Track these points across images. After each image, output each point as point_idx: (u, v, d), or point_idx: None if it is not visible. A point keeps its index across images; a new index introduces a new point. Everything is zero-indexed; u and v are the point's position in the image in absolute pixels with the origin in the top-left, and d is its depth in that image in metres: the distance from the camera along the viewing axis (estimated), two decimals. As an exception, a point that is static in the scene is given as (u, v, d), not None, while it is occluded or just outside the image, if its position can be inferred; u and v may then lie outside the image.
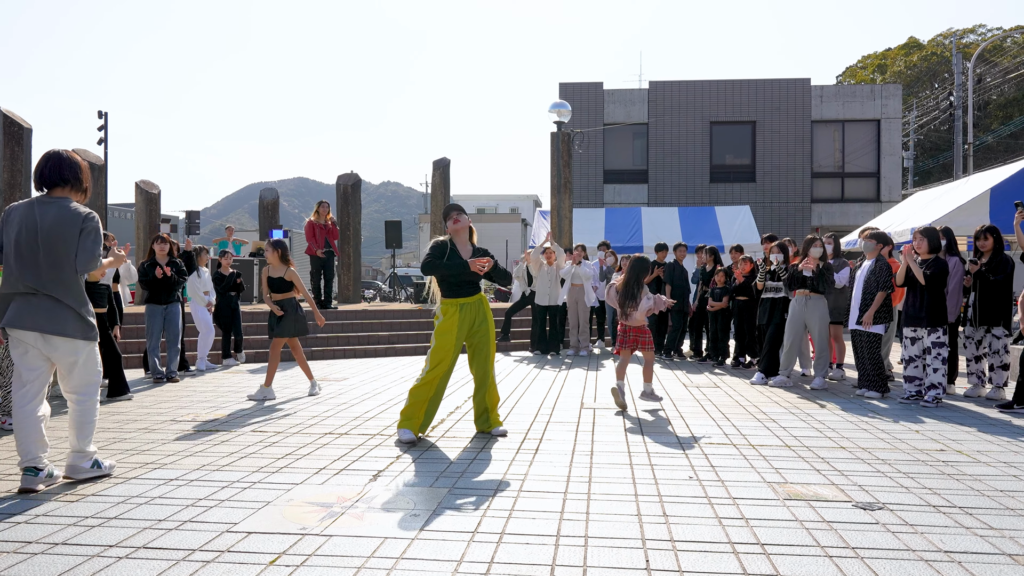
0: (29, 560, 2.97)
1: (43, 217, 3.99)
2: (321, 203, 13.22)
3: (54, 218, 3.99)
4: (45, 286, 3.96)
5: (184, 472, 4.36)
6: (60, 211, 4.02)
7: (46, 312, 3.97)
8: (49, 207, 4.03)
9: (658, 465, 4.51)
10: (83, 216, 4.04)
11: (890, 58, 45.71)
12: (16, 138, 12.20)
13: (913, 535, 3.26)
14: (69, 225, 3.99)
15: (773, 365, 8.21)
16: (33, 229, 3.97)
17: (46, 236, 3.96)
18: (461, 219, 5.37)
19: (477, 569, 2.87)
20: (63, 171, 4.10)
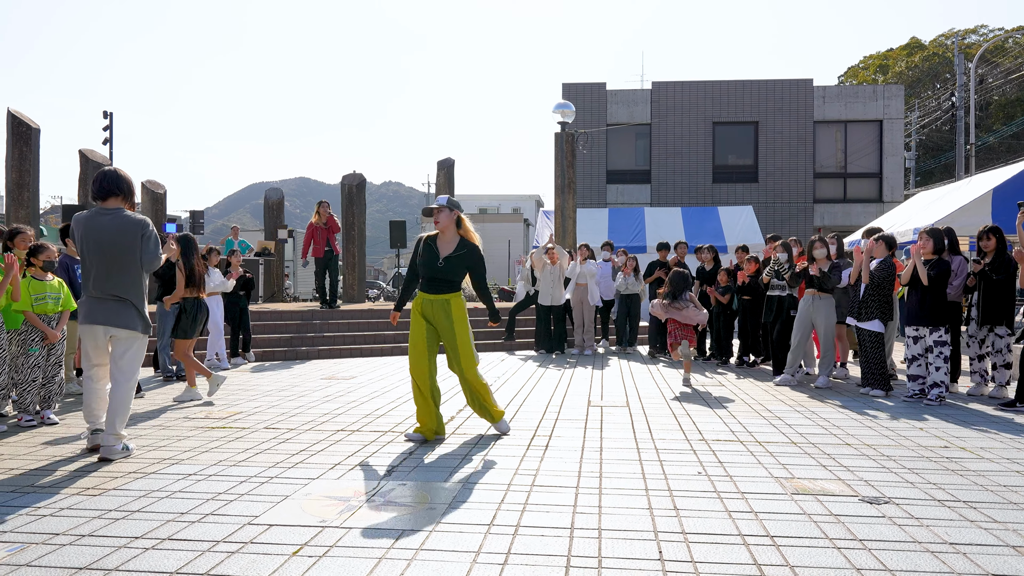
0: (58, 551, 3.05)
1: (104, 227, 4.60)
2: (321, 203, 13.16)
3: (115, 228, 4.61)
4: (112, 288, 4.63)
5: (202, 467, 4.44)
6: (119, 221, 4.63)
7: (113, 310, 4.65)
8: (108, 217, 4.64)
9: (667, 461, 4.59)
10: (142, 223, 4.67)
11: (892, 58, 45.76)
12: (24, 138, 12.29)
13: (919, 528, 3.34)
14: (130, 233, 4.62)
15: (781, 364, 8.32)
16: (97, 238, 4.59)
17: (109, 244, 4.60)
18: (440, 219, 5.26)
19: (495, 560, 2.95)
20: (119, 183, 4.70)
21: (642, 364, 10.05)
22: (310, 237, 12.89)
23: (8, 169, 12.15)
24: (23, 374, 5.86)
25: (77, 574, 2.81)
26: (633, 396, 7.23)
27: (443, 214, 5.27)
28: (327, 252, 12.89)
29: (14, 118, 12.21)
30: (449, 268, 5.21)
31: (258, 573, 2.82)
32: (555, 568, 2.87)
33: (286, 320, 11.96)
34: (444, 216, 5.27)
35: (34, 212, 12.34)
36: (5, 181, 12.24)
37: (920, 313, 6.91)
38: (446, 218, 5.27)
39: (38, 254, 6.07)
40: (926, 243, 7.01)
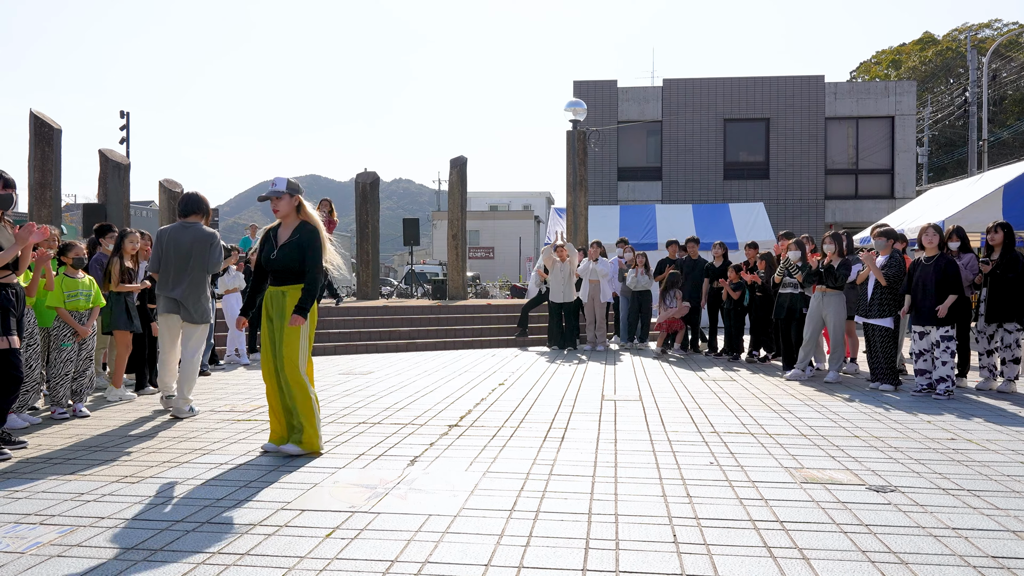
0: (105, 533, 3.24)
1: (183, 238, 5.93)
2: (323, 201, 12.98)
3: (192, 238, 5.95)
4: (183, 286, 5.91)
5: (232, 457, 4.63)
6: (196, 233, 5.98)
7: (187, 304, 5.95)
8: (188, 230, 5.97)
9: (680, 452, 4.74)
10: (211, 236, 6.03)
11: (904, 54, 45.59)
12: (46, 139, 12.54)
13: (923, 514, 3.48)
14: (202, 242, 5.96)
15: (792, 359, 8.47)
16: (176, 246, 5.92)
17: (186, 251, 5.92)
18: (280, 207, 4.77)
19: (518, 541, 3.12)
20: (200, 204, 6.09)
21: (653, 360, 10.19)
22: None
23: (31, 169, 12.41)
24: (55, 368, 6.07)
25: (125, 553, 2.99)
26: (646, 390, 7.38)
27: (283, 201, 4.76)
28: None
29: (37, 119, 12.46)
30: (284, 257, 4.70)
31: (296, 553, 2.99)
32: (575, 550, 3.03)
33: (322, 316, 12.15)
34: (284, 204, 4.77)
35: (56, 211, 12.59)
36: (28, 181, 12.50)
37: (926, 310, 7.02)
38: (286, 205, 4.77)
39: (67, 252, 6.27)
40: (932, 238, 7.11)
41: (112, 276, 6.90)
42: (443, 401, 6.73)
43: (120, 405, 6.66)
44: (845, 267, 7.91)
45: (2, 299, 4.79)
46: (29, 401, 5.95)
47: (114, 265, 6.94)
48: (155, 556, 2.96)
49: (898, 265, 7.42)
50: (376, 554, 2.98)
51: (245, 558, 2.94)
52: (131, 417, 6.05)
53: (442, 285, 16.47)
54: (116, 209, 13.75)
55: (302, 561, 2.91)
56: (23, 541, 3.12)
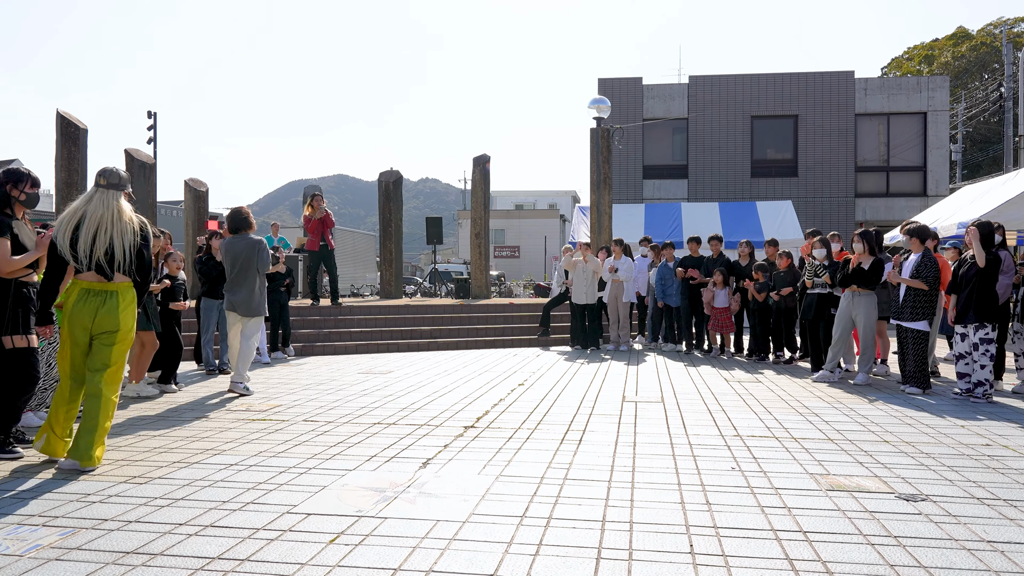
0: (107, 536, 3.18)
1: (239, 247, 7.20)
2: (314, 195, 12.78)
3: (243, 247, 7.19)
4: (241, 286, 7.20)
5: (243, 458, 4.57)
6: (246, 242, 7.21)
7: (242, 300, 7.20)
8: (241, 241, 7.23)
9: (700, 456, 4.59)
10: (258, 243, 7.23)
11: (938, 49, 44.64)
12: (72, 139, 12.66)
13: (956, 525, 3.30)
14: (251, 250, 7.17)
15: (820, 361, 8.25)
16: (234, 254, 7.20)
17: (243, 258, 7.16)
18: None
19: (527, 550, 3.00)
20: (245, 219, 7.30)
21: (678, 361, 10.01)
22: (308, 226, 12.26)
23: (58, 168, 12.54)
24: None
25: (124, 558, 2.92)
26: (668, 392, 7.21)
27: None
28: (322, 246, 12.24)
29: (63, 119, 12.59)
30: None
31: (296, 559, 2.90)
32: (586, 560, 2.90)
33: (324, 315, 12.15)
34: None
35: (83, 210, 12.70)
36: (55, 180, 12.63)
37: (967, 310, 6.76)
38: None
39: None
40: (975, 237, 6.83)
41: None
42: (461, 402, 6.63)
43: (138, 404, 6.64)
44: (876, 267, 7.66)
45: (22, 298, 4.80)
46: (47, 400, 5.95)
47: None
48: (153, 561, 2.89)
49: (931, 265, 7.16)
50: (379, 562, 2.88)
51: (244, 564, 2.86)
52: (148, 415, 6.03)
53: (465, 284, 16.40)
54: (142, 209, 13.85)
55: (302, 568, 2.82)
56: (23, 543, 3.06)
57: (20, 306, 4.79)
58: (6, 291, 4.75)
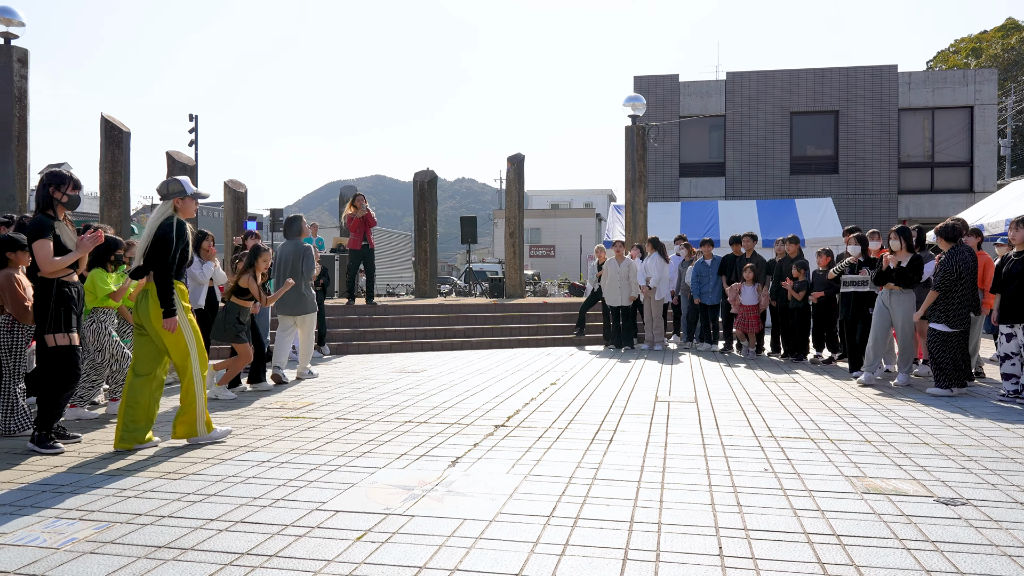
0: (140, 530, 3.24)
1: (288, 252, 8.09)
2: (356, 195, 12.84)
3: (292, 251, 8.08)
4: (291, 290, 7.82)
5: (275, 455, 4.62)
6: (295, 247, 8.12)
7: (294, 301, 7.92)
8: (290, 246, 8.14)
9: (733, 457, 4.52)
10: (305, 248, 8.05)
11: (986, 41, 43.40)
12: (116, 142, 12.96)
13: (997, 531, 3.19)
14: (298, 255, 8.03)
15: (858, 361, 8.08)
16: (284, 259, 8.10)
17: (292, 262, 8.01)
18: None
19: (552, 550, 2.98)
20: (297, 227, 8.24)
21: (714, 360, 9.88)
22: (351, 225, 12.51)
23: (102, 171, 12.85)
24: (121, 364, 6.20)
25: (156, 552, 2.97)
26: (702, 392, 7.13)
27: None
28: (363, 246, 12.25)
29: (107, 122, 12.90)
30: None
31: (323, 556, 2.92)
32: (612, 560, 2.87)
33: (360, 314, 12.26)
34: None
35: (125, 212, 13.00)
36: (99, 183, 12.95)
37: (1012, 309, 6.55)
38: None
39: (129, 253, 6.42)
40: (1017, 232, 6.64)
41: (252, 292, 7.07)
42: (492, 400, 6.63)
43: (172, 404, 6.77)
44: (915, 264, 7.45)
45: (64, 298, 4.92)
46: (91, 395, 6.11)
47: (251, 284, 7.07)
48: (184, 556, 2.93)
49: (948, 265, 6.90)
50: (405, 559, 2.89)
51: (272, 560, 2.89)
52: (184, 413, 6.14)
53: (499, 283, 16.40)
54: (182, 209, 14.12)
55: (329, 565, 2.84)
56: (59, 536, 3.14)
57: (62, 305, 4.92)
58: (48, 291, 4.89)
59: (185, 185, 4.97)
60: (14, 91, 10.92)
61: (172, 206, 4.96)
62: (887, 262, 7.55)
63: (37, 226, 4.85)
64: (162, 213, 4.92)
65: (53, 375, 4.87)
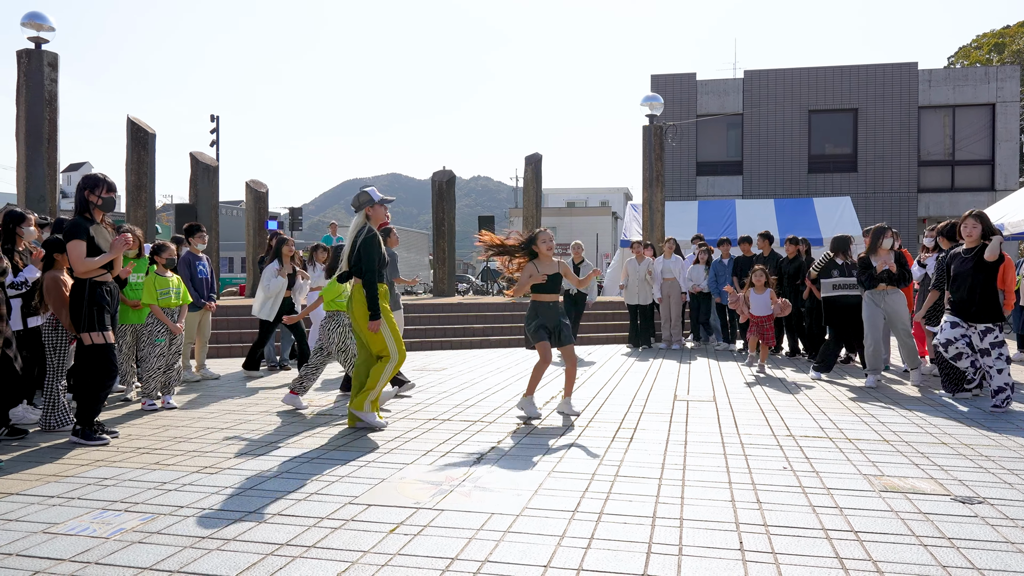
0: (184, 521, 3.39)
1: (391, 254, 7.15)
2: None
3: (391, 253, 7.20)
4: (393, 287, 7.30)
5: (305, 451, 4.77)
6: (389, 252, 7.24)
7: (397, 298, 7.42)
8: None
9: (752, 456, 4.61)
10: (391, 253, 7.27)
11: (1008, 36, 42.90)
12: (141, 143, 13.22)
13: (1013, 528, 3.27)
14: (393, 256, 7.16)
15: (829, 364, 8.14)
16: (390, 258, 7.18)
17: (392, 261, 7.21)
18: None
19: (578, 544, 3.09)
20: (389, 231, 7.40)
21: (731, 360, 9.95)
22: None
23: (128, 172, 13.10)
24: (148, 363, 6.39)
25: (200, 542, 3.12)
26: (720, 391, 7.21)
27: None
28: None
29: (133, 124, 13.15)
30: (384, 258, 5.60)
31: (359, 547, 3.06)
32: (636, 554, 2.98)
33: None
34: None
35: (151, 212, 13.26)
36: (125, 183, 13.21)
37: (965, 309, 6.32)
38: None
39: (161, 253, 6.60)
40: (973, 229, 6.33)
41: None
42: (513, 399, 6.75)
43: (208, 402, 6.95)
44: (902, 262, 7.47)
45: (98, 297, 5.09)
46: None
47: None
48: (228, 546, 3.08)
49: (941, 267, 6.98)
50: (437, 551, 3.02)
51: (311, 551, 3.02)
52: (214, 410, 6.31)
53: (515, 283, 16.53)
54: (206, 209, 14.38)
55: (365, 556, 2.97)
56: (108, 527, 3.29)
57: (95, 305, 5.07)
58: (82, 291, 5.06)
59: (372, 194, 5.44)
60: (45, 95, 11.18)
61: (364, 215, 5.43)
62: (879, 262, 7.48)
63: (71, 228, 5.02)
64: (358, 224, 5.44)
65: (89, 372, 5.04)
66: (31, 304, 5.69)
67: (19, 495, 3.80)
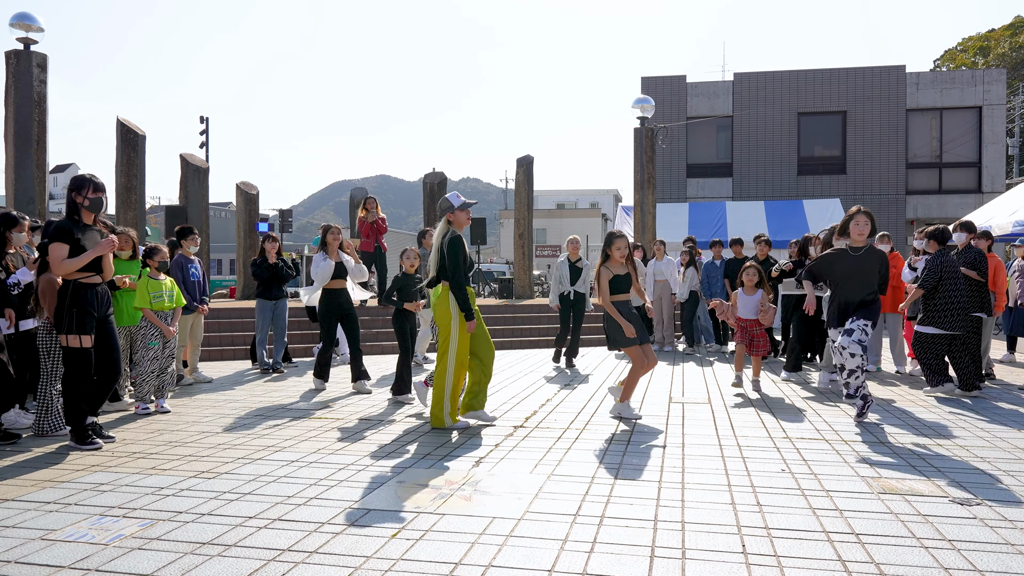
0: (183, 527, 3.36)
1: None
2: (368, 199, 12.97)
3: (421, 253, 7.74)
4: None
5: (303, 455, 4.74)
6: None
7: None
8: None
9: (750, 458, 4.62)
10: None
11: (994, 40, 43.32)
12: (131, 144, 13.12)
13: (1012, 530, 3.29)
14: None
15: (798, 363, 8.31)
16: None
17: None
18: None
19: (582, 547, 3.09)
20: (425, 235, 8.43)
21: (724, 362, 9.98)
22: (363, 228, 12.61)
23: (118, 174, 13.00)
24: (142, 366, 6.34)
25: (201, 548, 3.09)
26: (715, 393, 7.23)
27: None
28: (376, 248, 12.40)
29: (123, 126, 13.05)
30: (472, 262, 5.72)
31: (362, 552, 3.04)
32: (640, 558, 2.98)
33: (372, 315, 12.38)
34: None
35: (141, 214, 13.16)
36: (115, 185, 13.10)
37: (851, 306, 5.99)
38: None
39: (153, 256, 6.54)
40: (864, 228, 5.93)
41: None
42: (509, 401, 6.75)
43: (203, 405, 6.91)
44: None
45: (79, 299, 4.99)
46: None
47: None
48: (229, 551, 3.05)
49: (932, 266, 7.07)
50: (440, 556, 3.00)
51: (313, 556, 3.01)
52: (208, 413, 6.27)
53: (508, 284, 16.52)
54: (196, 211, 14.29)
55: (368, 561, 2.95)
56: (107, 533, 3.26)
57: (75, 306, 4.97)
58: (64, 292, 4.99)
59: (453, 200, 5.49)
60: (33, 96, 11.08)
61: (447, 221, 5.50)
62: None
63: (54, 230, 4.96)
64: (443, 230, 5.51)
65: (68, 374, 5.00)
66: (26, 307, 5.63)
67: (14, 501, 3.76)
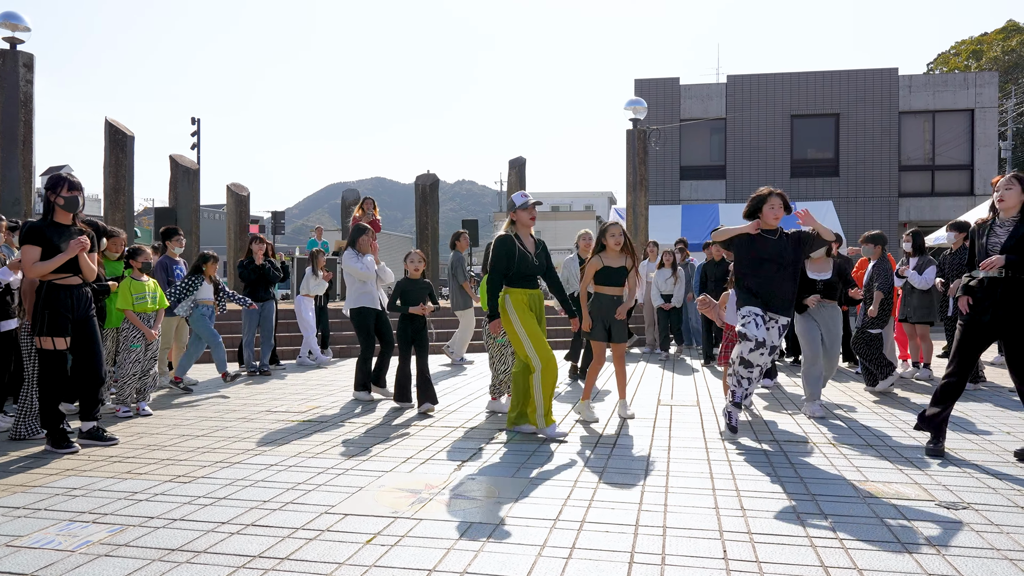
0: (153, 533, 3.28)
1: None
2: (366, 199, 12.88)
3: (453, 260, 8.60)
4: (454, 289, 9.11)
5: (283, 458, 4.67)
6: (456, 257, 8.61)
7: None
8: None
9: (736, 461, 4.56)
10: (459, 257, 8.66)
11: (986, 43, 43.45)
12: (120, 145, 13.02)
13: (998, 535, 3.24)
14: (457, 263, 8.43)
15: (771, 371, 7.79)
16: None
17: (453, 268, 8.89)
18: (535, 215, 5.55)
19: (559, 553, 3.02)
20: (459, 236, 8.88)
21: (715, 365, 9.92)
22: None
23: (106, 175, 12.91)
24: (123, 369, 6.26)
25: (169, 555, 3.02)
26: (704, 396, 7.17)
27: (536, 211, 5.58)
28: None
29: (111, 126, 12.96)
30: (540, 264, 5.51)
31: (334, 559, 2.97)
32: (618, 564, 2.92)
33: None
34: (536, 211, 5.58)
35: (129, 215, 13.07)
36: (103, 186, 13.01)
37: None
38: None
39: (136, 257, 6.46)
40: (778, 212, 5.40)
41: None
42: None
43: (183, 406, 6.82)
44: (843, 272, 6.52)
45: (51, 300, 4.89)
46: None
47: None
48: (198, 558, 2.98)
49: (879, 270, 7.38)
50: (415, 562, 2.93)
51: (284, 563, 2.93)
52: (191, 416, 6.19)
53: (501, 286, 16.46)
54: (186, 213, 14.20)
55: (340, 568, 2.88)
56: (74, 539, 3.19)
57: (48, 308, 4.87)
58: (38, 293, 4.91)
59: (516, 199, 5.45)
60: (19, 96, 10.98)
61: (510, 220, 5.46)
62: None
63: (25, 232, 4.87)
64: (500, 230, 5.48)
65: (40, 376, 4.92)
66: (7, 308, 5.54)
67: (-17, 506, 3.68)
